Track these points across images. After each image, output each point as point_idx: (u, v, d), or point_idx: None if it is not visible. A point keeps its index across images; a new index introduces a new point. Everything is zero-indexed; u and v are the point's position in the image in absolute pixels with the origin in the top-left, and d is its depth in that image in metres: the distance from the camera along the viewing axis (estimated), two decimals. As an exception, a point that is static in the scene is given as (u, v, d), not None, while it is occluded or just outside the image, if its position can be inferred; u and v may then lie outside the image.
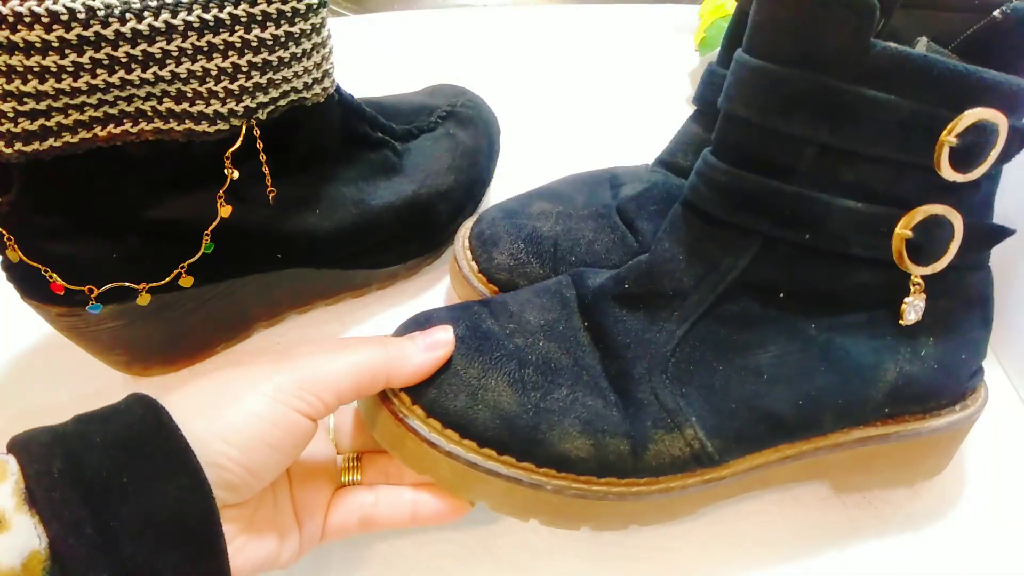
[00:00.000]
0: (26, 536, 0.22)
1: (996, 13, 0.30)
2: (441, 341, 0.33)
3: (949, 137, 0.29)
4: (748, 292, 0.33)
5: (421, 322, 0.35)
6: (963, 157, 0.30)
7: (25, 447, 0.24)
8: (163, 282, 0.38)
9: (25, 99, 0.30)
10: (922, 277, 0.33)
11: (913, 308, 0.33)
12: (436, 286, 0.50)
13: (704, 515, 0.38)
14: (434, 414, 0.32)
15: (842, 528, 0.39)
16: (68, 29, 0.28)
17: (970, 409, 0.37)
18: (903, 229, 0.31)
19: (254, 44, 0.33)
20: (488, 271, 0.43)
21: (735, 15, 0.41)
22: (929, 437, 0.37)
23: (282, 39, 0.33)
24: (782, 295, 0.33)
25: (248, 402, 0.28)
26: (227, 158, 0.35)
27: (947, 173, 0.30)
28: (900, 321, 0.33)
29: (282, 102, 0.36)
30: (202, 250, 0.38)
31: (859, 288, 0.33)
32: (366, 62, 0.69)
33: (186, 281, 0.39)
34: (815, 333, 0.33)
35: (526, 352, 0.34)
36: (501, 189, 0.54)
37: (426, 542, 0.37)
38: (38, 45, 0.28)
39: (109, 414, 0.26)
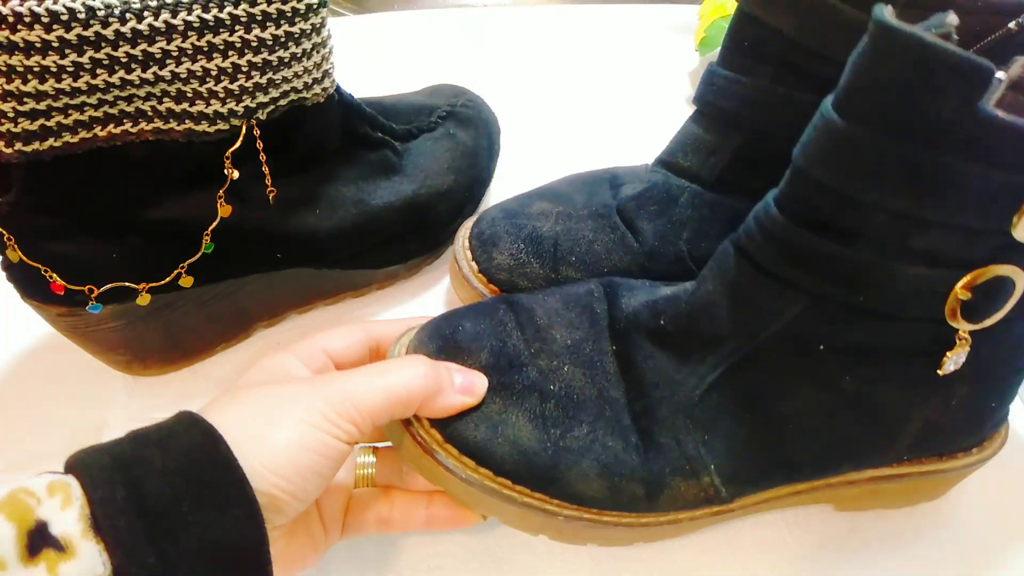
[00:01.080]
0: (91, 563, 0.23)
1: (1011, 24, 0.30)
2: (477, 388, 0.33)
3: None
4: (787, 344, 0.32)
5: (446, 336, 0.34)
6: None
7: (87, 471, 0.25)
8: (163, 282, 0.38)
9: (25, 99, 0.30)
10: (970, 331, 0.31)
11: (954, 361, 0.31)
12: (436, 286, 0.50)
13: (704, 515, 0.38)
14: (452, 441, 0.32)
15: (841, 529, 0.39)
16: (68, 29, 0.28)
17: (986, 452, 0.37)
18: (963, 290, 0.29)
19: (254, 44, 0.33)
20: (488, 271, 0.43)
21: (735, 15, 0.41)
22: (941, 477, 0.37)
23: (282, 39, 0.33)
24: (822, 347, 0.31)
25: (292, 432, 0.28)
26: (227, 158, 0.35)
27: (1021, 236, 0.28)
28: (938, 371, 0.32)
29: (282, 102, 0.36)
30: (202, 250, 0.38)
31: (902, 343, 0.31)
32: (366, 62, 0.69)
33: (186, 281, 0.39)
34: (848, 384, 0.32)
35: (549, 380, 0.34)
36: (501, 189, 0.53)
37: (426, 542, 0.37)
38: (38, 45, 0.28)
39: (165, 437, 0.27)
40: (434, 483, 0.33)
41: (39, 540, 0.22)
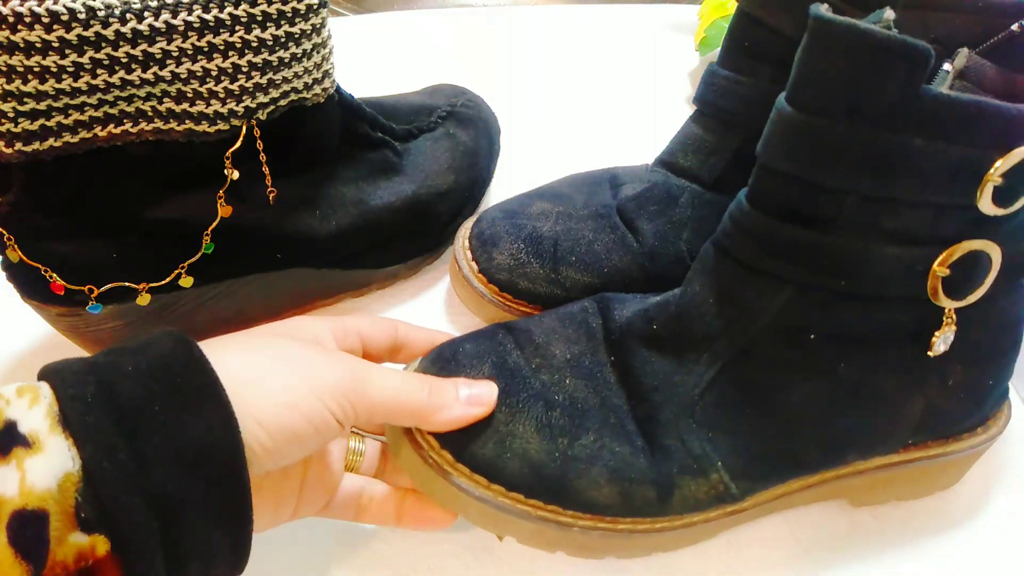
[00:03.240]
0: (60, 458, 0.22)
1: (1014, 27, 0.30)
2: (484, 398, 0.32)
3: (995, 176, 0.28)
4: (778, 335, 0.32)
5: (447, 359, 0.35)
6: (1006, 193, 0.29)
7: (58, 373, 0.24)
8: (163, 282, 0.38)
9: (25, 99, 0.30)
10: (955, 309, 0.32)
11: (943, 340, 0.32)
12: (436, 286, 0.50)
13: (704, 515, 0.38)
14: (462, 460, 0.32)
15: (842, 528, 0.39)
16: (68, 29, 0.28)
17: (992, 431, 0.37)
18: (940, 267, 0.30)
19: (254, 44, 0.33)
20: (488, 271, 0.43)
21: (735, 15, 0.41)
22: (950, 459, 0.37)
23: (282, 39, 0.33)
24: (813, 336, 0.32)
25: (294, 394, 0.28)
26: (227, 158, 0.35)
27: (988, 209, 0.29)
28: (929, 352, 0.32)
29: (282, 102, 0.36)
30: (202, 250, 0.38)
31: (891, 325, 0.32)
32: (366, 62, 0.69)
33: (186, 281, 0.39)
34: (844, 372, 0.32)
35: (553, 391, 0.34)
36: (501, 189, 0.54)
37: (426, 542, 0.37)
38: (38, 45, 0.28)
39: (139, 347, 0.26)
40: (446, 506, 0.33)
41: (8, 439, 0.22)
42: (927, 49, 0.25)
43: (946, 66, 0.31)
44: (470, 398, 0.32)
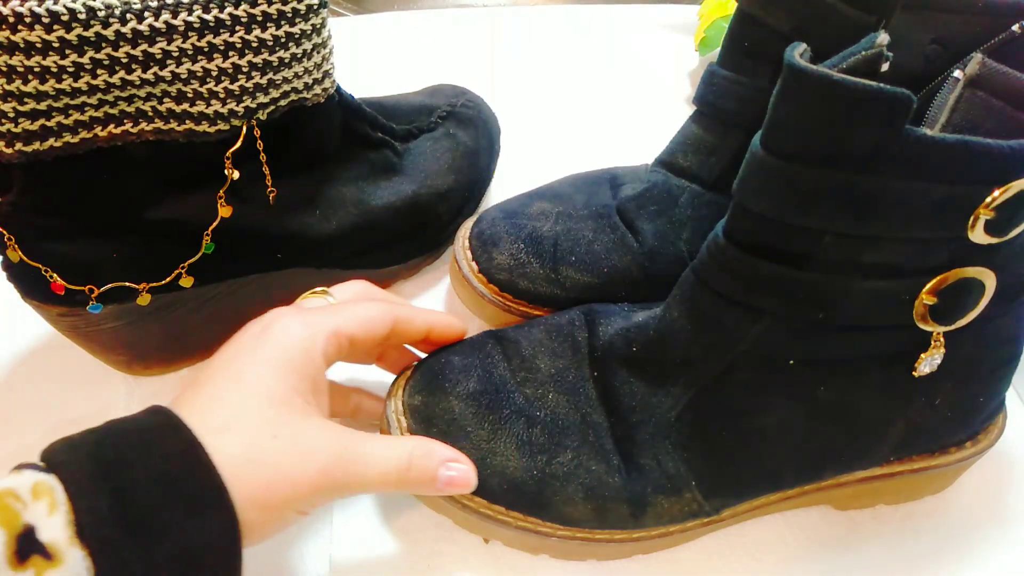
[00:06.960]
0: (76, 570, 0.23)
1: (1015, 27, 0.30)
2: (460, 481, 0.33)
3: (986, 211, 0.27)
4: (756, 361, 0.32)
5: (436, 372, 0.36)
6: (999, 224, 0.27)
7: (70, 474, 0.25)
8: (163, 282, 0.38)
9: (25, 99, 0.30)
10: (944, 332, 0.31)
11: (929, 363, 0.31)
12: (436, 286, 0.50)
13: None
14: None
15: (841, 529, 0.39)
16: (68, 29, 0.28)
17: (982, 444, 0.37)
18: (928, 296, 0.29)
19: (254, 45, 0.33)
20: (488, 271, 0.43)
21: (735, 15, 0.41)
22: (937, 472, 0.37)
23: (282, 40, 0.33)
24: (792, 362, 0.32)
25: (286, 476, 0.29)
26: (227, 158, 0.35)
27: (980, 239, 0.27)
28: (914, 373, 0.32)
29: (282, 102, 0.36)
30: (202, 250, 0.38)
31: (874, 349, 0.31)
32: (366, 62, 0.69)
33: (186, 281, 0.39)
34: (823, 395, 0.32)
35: (535, 407, 0.35)
36: (501, 189, 0.54)
37: (426, 541, 0.37)
38: (38, 45, 0.28)
39: (146, 443, 0.27)
40: (433, 509, 0.36)
41: (27, 546, 0.23)
42: (906, 96, 0.24)
43: (956, 72, 0.30)
44: (450, 481, 0.33)
